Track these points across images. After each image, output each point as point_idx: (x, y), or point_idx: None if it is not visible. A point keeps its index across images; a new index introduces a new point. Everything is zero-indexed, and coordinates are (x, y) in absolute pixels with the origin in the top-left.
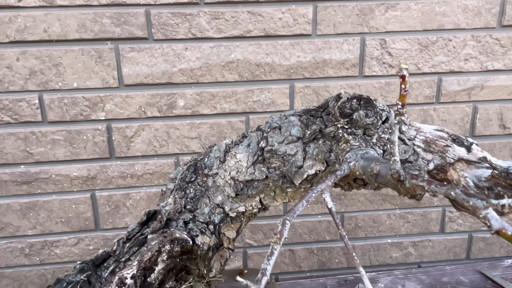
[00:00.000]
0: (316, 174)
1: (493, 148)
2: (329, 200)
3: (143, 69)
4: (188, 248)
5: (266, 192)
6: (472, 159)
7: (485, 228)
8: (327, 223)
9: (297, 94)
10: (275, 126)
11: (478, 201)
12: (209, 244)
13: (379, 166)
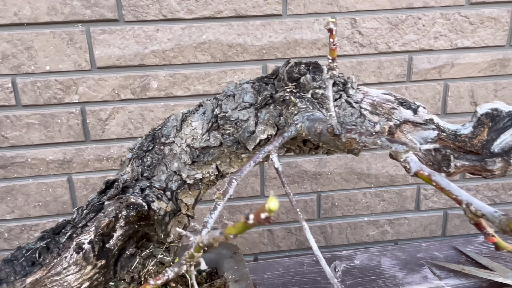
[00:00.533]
0: (268, 139)
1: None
2: (276, 160)
3: (115, 51)
4: (144, 213)
5: (222, 158)
6: (418, 121)
7: None
8: (303, 203)
9: None
10: (229, 94)
11: (399, 146)
12: (165, 209)
13: (322, 125)
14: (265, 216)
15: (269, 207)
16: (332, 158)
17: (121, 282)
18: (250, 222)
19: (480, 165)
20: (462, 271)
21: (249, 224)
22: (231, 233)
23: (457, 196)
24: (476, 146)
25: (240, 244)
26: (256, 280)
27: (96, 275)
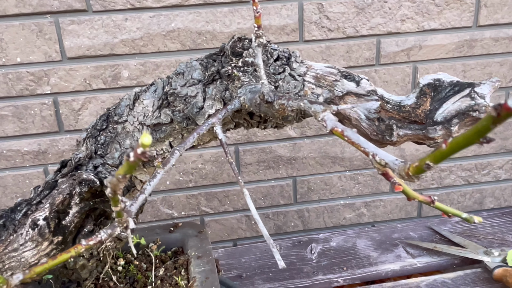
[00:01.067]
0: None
1: None
2: (219, 132)
3: (85, 41)
4: (97, 189)
5: (174, 135)
6: (361, 92)
7: (434, 186)
8: (280, 188)
9: None
10: (180, 72)
11: (318, 106)
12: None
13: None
14: (141, 151)
15: (142, 142)
16: (306, 142)
17: (80, 259)
18: (131, 159)
19: (422, 134)
20: (435, 249)
21: (131, 161)
22: (120, 173)
23: (365, 148)
24: (420, 116)
25: (218, 230)
26: (233, 264)
27: (53, 251)
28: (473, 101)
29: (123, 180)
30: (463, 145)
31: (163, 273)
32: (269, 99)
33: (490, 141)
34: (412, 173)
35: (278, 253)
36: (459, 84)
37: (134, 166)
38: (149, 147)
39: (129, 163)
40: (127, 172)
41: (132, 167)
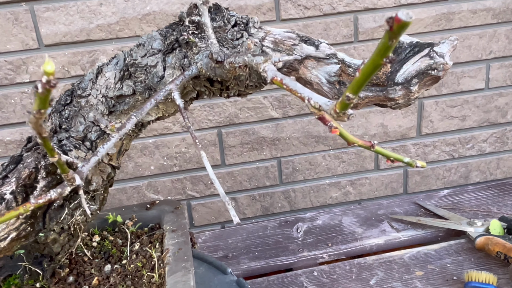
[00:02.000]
0: None
1: None
2: (177, 98)
3: (61, 28)
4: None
5: (138, 106)
6: (320, 56)
7: None
8: (264, 169)
9: None
10: (141, 43)
11: (259, 58)
12: (84, 158)
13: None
14: (46, 79)
15: (45, 69)
16: (288, 122)
17: (50, 233)
18: (39, 90)
19: (383, 95)
20: (419, 222)
21: (40, 93)
22: (35, 109)
23: (301, 94)
24: (381, 79)
25: (205, 213)
26: (220, 245)
27: (22, 225)
28: (432, 60)
29: (39, 116)
30: (372, 68)
31: (138, 248)
32: (218, 58)
33: (393, 60)
34: (339, 109)
35: (233, 210)
36: (418, 45)
37: (46, 98)
38: (115, 121)
39: (39, 95)
40: (41, 106)
41: (44, 99)
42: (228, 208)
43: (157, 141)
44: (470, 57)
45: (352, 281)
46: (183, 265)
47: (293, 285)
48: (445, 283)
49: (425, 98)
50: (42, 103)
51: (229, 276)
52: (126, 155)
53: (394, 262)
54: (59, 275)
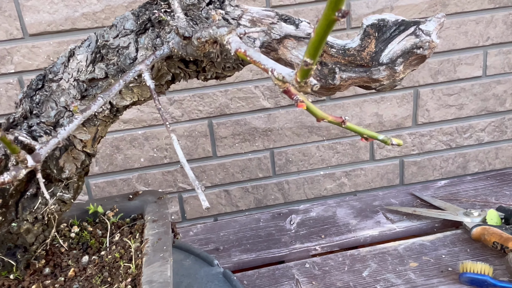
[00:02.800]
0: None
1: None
2: (148, 78)
3: (45, 17)
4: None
5: None
6: (300, 35)
7: (415, 152)
8: (257, 161)
9: None
10: (113, 24)
11: (222, 29)
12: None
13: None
14: None
15: None
16: (280, 112)
17: (24, 223)
18: None
19: (366, 76)
20: (414, 213)
21: None
22: None
23: (265, 65)
24: (365, 59)
25: (197, 206)
26: (211, 238)
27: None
28: (418, 39)
29: None
30: (326, 25)
31: (118, 238)
32: (185, 33)
33: (345, 14)
34: (300, 78)
35: (202, 194)
36: (404, 23)
37: None
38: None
39: None
40: None
41: None
42: (198, 192)
43: (146, 133)
44: (467, 44)
45: (345, 273)
46: (161, 255)
47: (284, 277)
48: (439, 274)
49: (421, 87)
50: None
51: (215, 268)
52: (115, 147)
53: (388, 253)
54: (34, 266)
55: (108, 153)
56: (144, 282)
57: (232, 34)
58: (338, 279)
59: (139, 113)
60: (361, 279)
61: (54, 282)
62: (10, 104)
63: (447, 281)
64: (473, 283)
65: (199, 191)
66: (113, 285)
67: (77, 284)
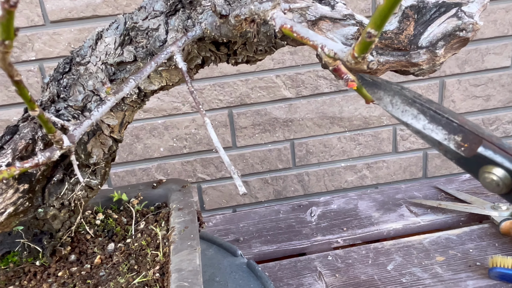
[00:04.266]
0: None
1: None
2: (180, 61)
3: (66, 3)
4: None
5: None
6: (336, 17)
7: None
8: (277, 152)
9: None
10: (142, 5)
11: (266, 4)
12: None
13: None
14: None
15: None
16: (302, 103)
17: (50, 209)
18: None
19: (405, 59)
20: (439, 207)
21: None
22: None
23: (314, 41)
24: (403, 43)
25: (216, 197)
26: (231, 229)
27: (20, 200)
28: (460, 21)
29: (5, 49)
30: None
31: (144, 226)
32: (222, 11)
33: None
34: (358, 52)
35: (239, 179)
36: (445, 5)
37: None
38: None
39: (0, 21)
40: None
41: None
42: (234, 178)
43: (166, 122)
44: (496, 33)
45: (368, 266)
46: (189, 244)
47: (306, 269)
48: (467, 269)
49: (447, 77)
50: (5, 31)
51: (239, 259)
52: (135, 136)
53: (413, 247)
54: (60, 253)
55: (128, 142)
56: (173, 270)
57: (276, 9)
58: (362, 272)
59: (159, 102)
60: (385, 272)
61: (80, 269)
62: (30, 92)
63: (476, 276)
64: (503, 278)
65: (235, 176)
66: (140, 273)
67: (103, 271)
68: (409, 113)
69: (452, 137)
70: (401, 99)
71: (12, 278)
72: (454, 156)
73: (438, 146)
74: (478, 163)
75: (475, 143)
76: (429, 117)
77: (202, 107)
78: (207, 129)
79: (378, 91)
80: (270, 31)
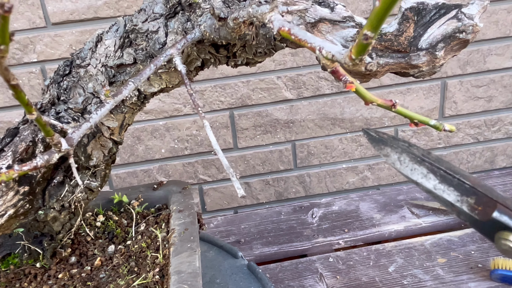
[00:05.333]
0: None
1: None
2: (179, 63)
3: (68, 5)
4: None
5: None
6: (335, 19)
7: (441, 145)
8: (278, 153)
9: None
10: (142, 8)
11: (264, 7)
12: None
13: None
14: None
15: None
16: (303, 104)
17: (50, 211)
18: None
19: (405, 61)
20: (441, 208)
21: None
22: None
23: (311, 43)
24: (403, 44)
25: (217, 198)
26: (232, 230)
27: (20, 202)
28: (460, 23)
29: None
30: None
31: (144, 228)
32: (221, 14)
33: None
34: (355, 54)
35: (237, 182)
36: (445, 7)
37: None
38: (115, 92)
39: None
40: (1, 41)
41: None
42: (232, 180)
43: (167, 123)
44: (498, 34)
45: (370, 268)
46: (189, 246)
47: (308, 271)
48: (469, 271)
49: (449, 78)
50: (0, 36)
51: (240, 260)
52: (137, 138)
53: (415, 248)
54: (60, 255)
55: (130, 144)
56: (173, 272)
57: (274, 12)
58: (363, 274)
59: (161, 104)
60: (387, 274)
61: (80, 271)
62: (32, 94)
63: (477, 278)
64: (504, 280)
65: (233, 178)
66: (140, 275)
67: (103, 273)
68: (419, 172)
69: (465, 199)
70: (409, 157)
71: (12, 280)
72: (468, 218)
73: (450, 207)
74: (494, 228)
75: (490, 206)
76: (440, 177)
77: (201, 110)
78: (206, 131)
79: (385, 147)
80: (269, 34)
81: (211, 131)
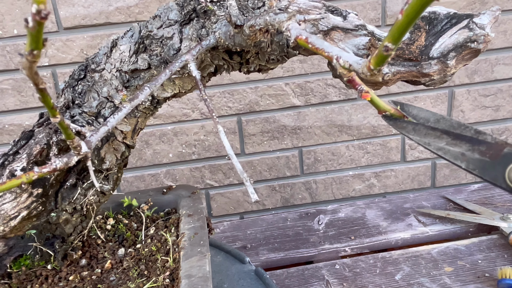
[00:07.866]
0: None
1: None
2: (193, 69)
3: (80, 10)
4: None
5: None
6: (348, 27)
7: None
8: (285, 159)
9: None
10: (157, 14)
11: (282, 15)
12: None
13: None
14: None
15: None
16: (310, 111)
17: (63, 213)
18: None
19: (416, 70)
20: (448, 217)
21: (30, 27)
22: (27, 49)
23: (329, 52)
24: (415, 53)
25: (224, 203)
26: (239, 236)
27: (34, 204)
28: (472, 32)
29: (33, 58)
30: (420, 5)
31: (154, 232)
32: (237, 21)
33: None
34: (374, 64)
35: (251, 187)
36: (456, 16)
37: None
38: (129, 97)
39: (30, 31)
40: (34, 46)
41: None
42: (246, 185)
43: (175, 128)
44: (506, 43)
45: (376, 276)
46: (199, 250)
47: (314, 277)
48: (476, 280)
49: (456, 87)
50: (34, 41)
51: (247, 266)
52: (145, 142)
53: (421, 257)
54: (71, 257)
55: (138, 148)
56: (183, 276)
57: (291, 20)
58: (370, 282)
59: (169, 109)
60: (393, 282)
61: (91, 273)
62: None
63: (484, 287)
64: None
65: (247, 183)
66: (150, 278)
67: (113, 276)
68: (432, 135)
69: (477, 147)
70: (425, 126)
71: (24, 281)
72: (477, 165)
73: (460, 159)
74: (505, 163)
75: (500, 149)
76: (453, 135)
77: (215, 115)
78: (220, 137)
79: (401, 123)
80: (283, 41)
81: (225, 136)
